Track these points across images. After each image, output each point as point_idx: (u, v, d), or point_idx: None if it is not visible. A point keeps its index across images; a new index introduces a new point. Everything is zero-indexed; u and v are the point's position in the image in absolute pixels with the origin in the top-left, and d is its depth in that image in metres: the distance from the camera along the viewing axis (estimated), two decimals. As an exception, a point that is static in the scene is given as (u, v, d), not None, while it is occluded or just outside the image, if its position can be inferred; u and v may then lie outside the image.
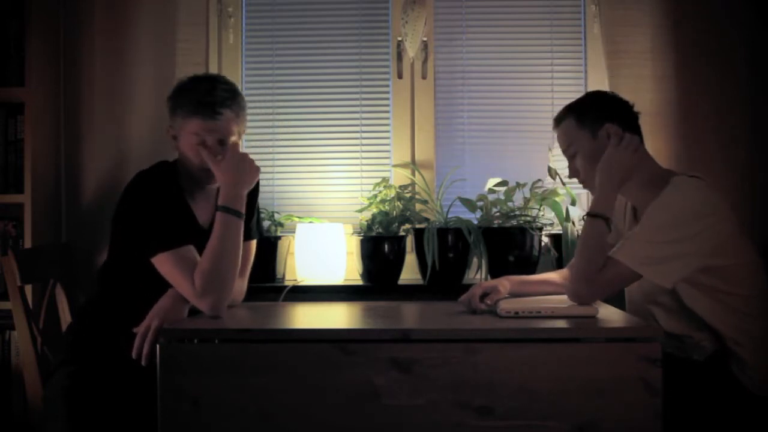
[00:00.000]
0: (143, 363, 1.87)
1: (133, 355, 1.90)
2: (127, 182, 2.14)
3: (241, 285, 2.19)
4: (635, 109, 2.15)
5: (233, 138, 2.12)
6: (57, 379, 2.09)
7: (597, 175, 2.04)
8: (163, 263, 1.99)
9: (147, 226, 2.03)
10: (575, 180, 2.43)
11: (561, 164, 2.69)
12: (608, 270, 1.94)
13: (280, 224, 2.77)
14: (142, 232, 2.03)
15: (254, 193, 2.24)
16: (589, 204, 2.07)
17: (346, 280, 2.74)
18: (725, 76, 2.62)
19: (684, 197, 1.95)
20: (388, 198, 2.71)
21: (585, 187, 2.16)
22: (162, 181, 2.11)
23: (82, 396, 2.04)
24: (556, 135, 2.21)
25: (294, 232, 2.76)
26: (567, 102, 2.13)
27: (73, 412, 2.03)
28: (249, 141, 2.93)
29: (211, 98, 2.07)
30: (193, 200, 2.17)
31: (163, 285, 2.00)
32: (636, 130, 2.11)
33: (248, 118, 2.26)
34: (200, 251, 2.03)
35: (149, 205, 2.05)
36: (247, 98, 2.97)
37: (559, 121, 2.19)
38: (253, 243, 2.27)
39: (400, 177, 2.89)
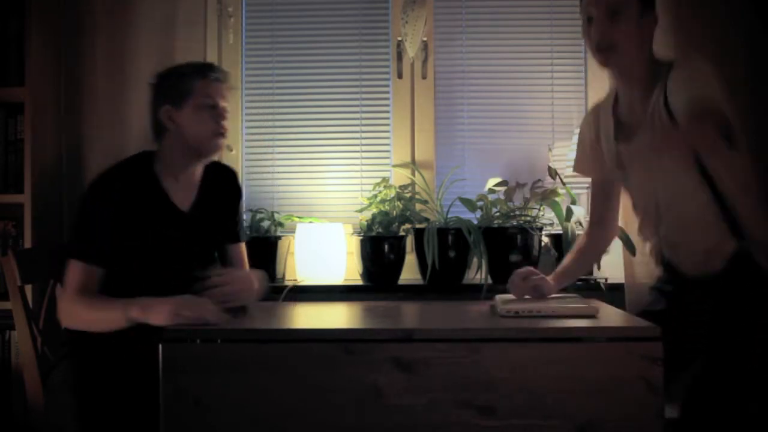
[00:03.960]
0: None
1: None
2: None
3: None
4: None
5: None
6: (59, 372, 2.11)
7: None
8: (70, 268, 2.05)
9: (84, 230, 2.09)
10: (575, 179, 2.42)
11: (561, 164, 2.70)
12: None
13: (280, 224, 2.77)
14: (78, 233, 2.11)
15: (237, 198, 2.32)
16: None
17: (346, 280, 2.74)
18: (725, 76, 2.62)
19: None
20: (388, 198, 2.70)
21: (607, 59, 2.02)
22: (126, 178, 2.10)
23: (83, 388, 2.06)
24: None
25: (294, 232, 2.76)
26: (567, 102, 2.11)
27: (75, 404, 2.04)
28: (249, 140, 2.93)
29: (211, 65, 2.19)
30: (175, 184, 2.15)
31: (167, 282, 2.00)
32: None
33: (248, 117, 2.27)
34: (177, 234, 2.08)
35: (96, 210, 2.07)
36: (247, 98, 2.98)
37: None
38: (243, 245, 2.34)
39: (400, 177, 2.89)
